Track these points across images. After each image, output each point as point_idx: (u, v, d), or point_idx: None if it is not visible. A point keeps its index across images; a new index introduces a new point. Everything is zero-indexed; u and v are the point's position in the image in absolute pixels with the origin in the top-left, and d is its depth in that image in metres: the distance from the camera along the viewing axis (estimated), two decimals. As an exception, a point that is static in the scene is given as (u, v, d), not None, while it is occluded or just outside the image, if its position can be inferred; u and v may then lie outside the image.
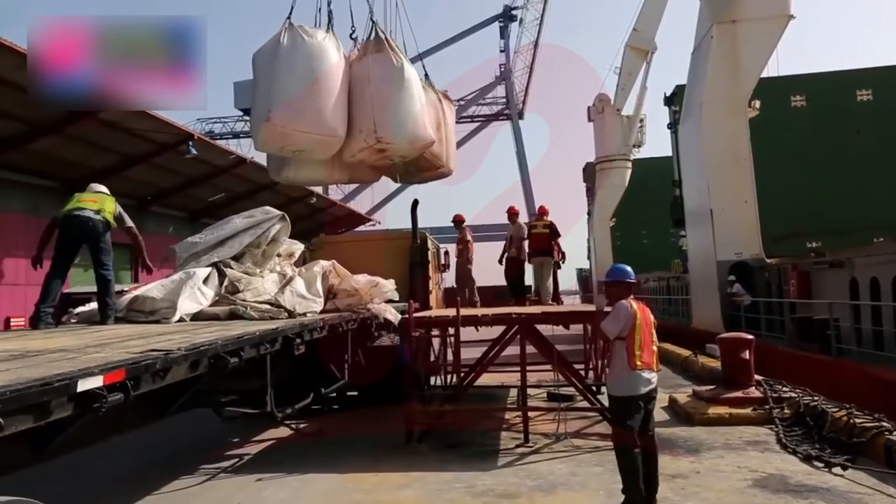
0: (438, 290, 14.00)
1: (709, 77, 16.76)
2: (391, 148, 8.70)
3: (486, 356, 9.61)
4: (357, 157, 8.94)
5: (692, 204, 18.41)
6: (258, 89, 8.46)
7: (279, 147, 8.63)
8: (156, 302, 6.45)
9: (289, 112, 7.97)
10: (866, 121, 18.14)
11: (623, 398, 5.22)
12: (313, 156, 8.93)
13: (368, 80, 8.57)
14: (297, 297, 7.14)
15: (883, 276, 10.67)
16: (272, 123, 7.94)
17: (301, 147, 8.46)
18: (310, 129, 8.14)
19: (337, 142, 8.51)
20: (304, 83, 8.12)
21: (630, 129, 34.57)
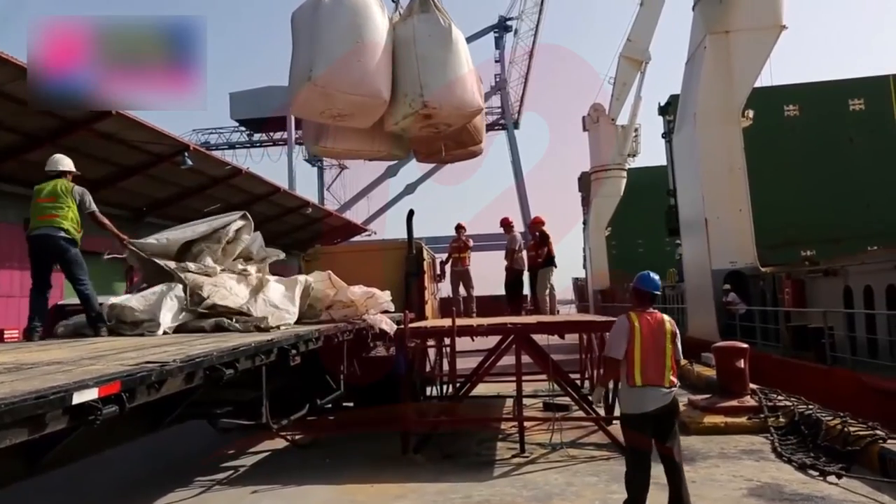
0: (434, 299, 14.00)
1: (702, 87, 16.87)
2: (438, 114, 8.11)
3: (481, 366, 9.62)
4: (400, 124, 8.35)
5: (687, 213, 18.48)
6: (298, 50, 7.92)
7: (319, 111, 8.05)
8: (136, 314, 6.27)
9: (332, 71, 7.42)
10: (859, 129, 18.28)
11: (624, 415, 5.08)
12: (354, 122, 8.32)
13: (414, 42, 8.04)
14: (269, 307, 6.84)
15: (877, 284, 10.72)
16: (314, 83, 7.41)
17: (342, 111, 7.91)
18: (354, 90, 7.60)
19: (381, 106, 7.99)
20: (348, 42, 7.59)
21: (625, 138, 34.79)
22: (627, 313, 5.14)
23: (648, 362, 4.89)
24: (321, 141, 9.08)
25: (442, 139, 9.26)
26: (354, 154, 10.08)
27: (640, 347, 4.92)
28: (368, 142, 9.11)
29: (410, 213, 12.21)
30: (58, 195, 6.35)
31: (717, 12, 16.83)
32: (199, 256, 7.30)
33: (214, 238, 7.48)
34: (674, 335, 5.02)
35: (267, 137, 48.87)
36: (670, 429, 4.96)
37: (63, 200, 6.33)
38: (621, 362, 4.99)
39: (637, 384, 4.88)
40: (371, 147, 9.46)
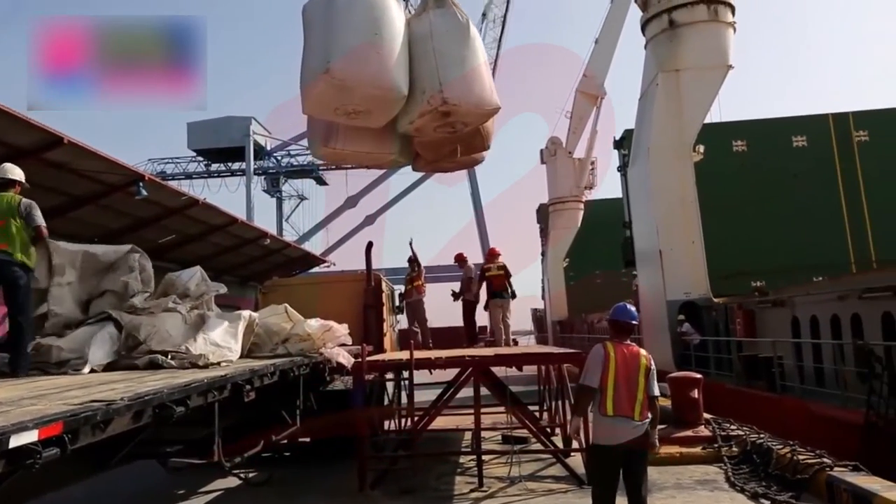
0: (393, 332, 13.95)
1: (655, 122, 17.38)
2: (457, 111, 7.79)
3: (440, 399, 9.57)
4: (416, 123, 8.02)
5: (642, 245, 18.86)
6: (310, 43, 7.61)
7: (333, 107, 7.71)
8: (62, 352, 5.90)
9: (350, 63, 7.10)
10: (803, 165, 18.97)
11: (594, 446, 5.05)
12: (368, 120, 7.96)
13: (431, 37, 7.79)
14: (210, 345, 6.50)
15: (822, 313, 11.05)
16: (331, 76, 7.09)
17: (358, 107, 7.58)
18: (372, 83, 7.29)
19: (399, 101, 7.68)
20: (365, 34, 7.30)
21: (581, 171, 35.47)
22: (604, 342, 5.14)
23: (620, 393, 4.89)
24: (330, 142, 8.63)
25: (455, 141, 8.90)
26: (363, 157, 9.53)
27: (613, 377, 4.91)
28: (379, 143, 8.72)
29: (369, 245, 12.22)
30: (7, 228, 5.71)
31: (667, 51, 17.43)
32: (122, 294, 6.80)
33: (130, 287, 6.87)
34: (648, 370, 5.01)
35: (225, 168, 48.36)
36: (641, 465, 4.94)
37: (11, 219, 5.73)
38: (595, 391, 4.98)
39: (608, 414, 4.87)
40: (381, 149, 9.01)
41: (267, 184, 50.57)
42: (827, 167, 18.77)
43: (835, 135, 18.94)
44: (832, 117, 19.24)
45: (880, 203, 18.14)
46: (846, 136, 18.87)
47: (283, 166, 50.06)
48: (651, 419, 4.96)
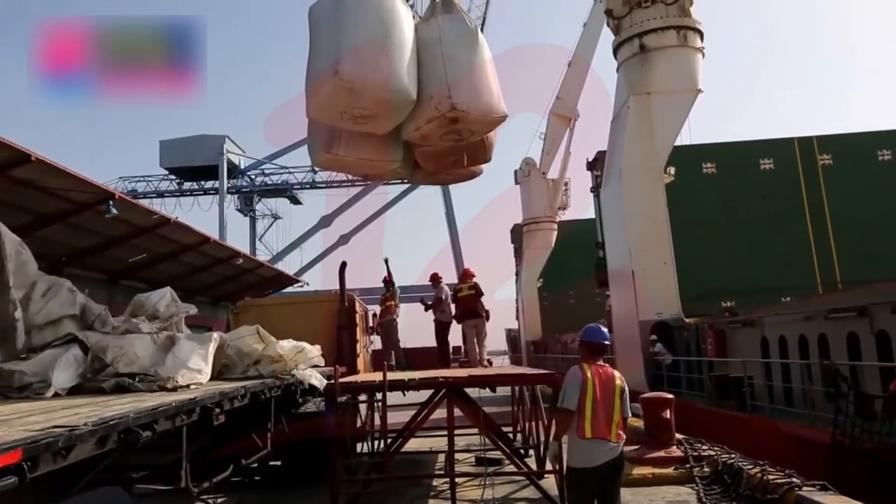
0: (366, 353, 13.84)
1: (627, 144, 17.65)
2: (465, 118, 7.61)
3: (413, 421, 9.51)
4: (422, 129, 7.82)
5: (615, 265, 19.04)
6: (318, 45, 7.42)
7: (339, 111, 7.47)
8: (25, 376, 5.71)
9: (360, 65, 6.92)
10: (770, 187, 19.39)
11: (573, 469, 5.00)
12: (374, 126, 7.74)
13: (440, 42, 7.65)
14: (179, 367, 6.33)
15: (790, 334, 11.23)
16: (340, 77, 6.90)
17: (365, 111, 7.37)
18: (382, 86, 7.11)
19: (407, 106, 7.50)
20: (375, 35, 7.14)
21: (555, 192, 35.84)
22: (580, 364, 5.12)
23: (599, 415, 4.88)
24: (333, 148, 8.37)
25: (458, 151, 8.71)
26: (364, 165, 9.11)
27: (591, 400, 4.89)
28: (382, 151, 8.49)
29: (343, 265, 12.15)
30: None
31: (639, 75, 17.76)
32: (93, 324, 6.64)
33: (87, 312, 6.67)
34: (622, 391, 5.03)
35: (198, 186, 47.94)
36: (615, 486, 4.95)
37: None
38: (574, 414, 4.95)
39: (586, 436, 4.85)
40: (384, 157, 8.73)
41: (240, 203, 50.23)
42: (793, 189, 19.21)
43: (800, 158, 19.42)
44: (797, 141, 19.73)
45: (844, 225, 18.60)
46: (811, 160, 19.36)
47: (256, 185, 49.79)
48: None
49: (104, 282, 20.41)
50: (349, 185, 52.42)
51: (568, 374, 5.13)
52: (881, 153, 19.32)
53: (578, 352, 5.46)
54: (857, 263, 17.76)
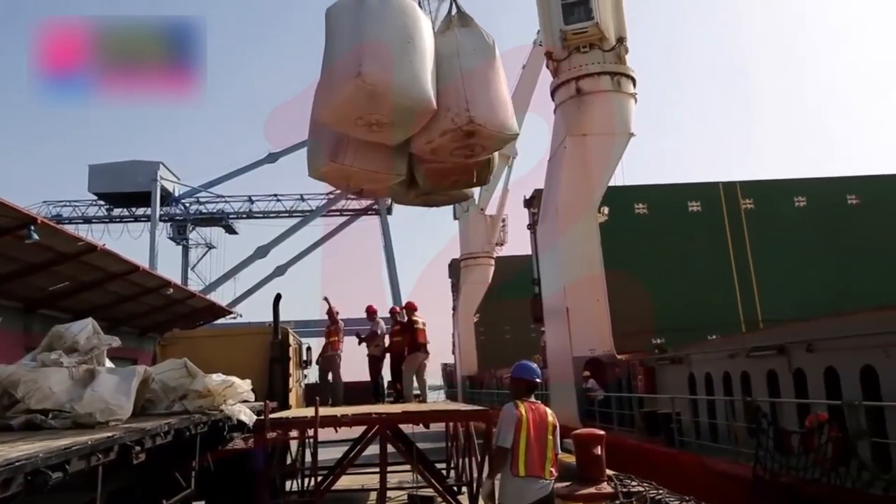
0: (299, 387, 13.56)
1: (563, 183, 18.10)
2: (481, 133, 7.41)
3: (345, 458, 9.34)
4: (435, 143, 7.58)
5: (550, 301, 19.33)
6: (336, 47, 7.16)
7: (355, 117, 7.17)
8: None
9: (383, 68, 6.69)
10: (698, 228, 20.21)
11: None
12: (388, 135, 7.46)
13: (458, 54, 7.55)
14: (98, 403, 5.99)
15: (715, 371, 11.59)
16: (363, 79, 6.64)
17: (383, 118, 7.09)
18: (404, 92, 6.86)
19: (426, 116, 7.26)
20: (399, 42, 6.95)
21: (493, 228, 36.33)
22: (514, 402, 5.13)
23: (532, 453, 4.90)
24: (339, 157, 7.97)
25: (467, 169, 8.51)
26: (368, 177, 8.58)
27: (525, 437, 4.91)
28: (388, 163, 8.14)
29: (277, 296, 11.95)
30: None
31: (575, 117, 18.33)
32: None
33: None
34: (554, 427, 5.09)
35: (128, 213, 46.42)
36: None
37: None
38: (510, 452, 4.94)
39: (520, 474, 4.86)
40: (389, 170, 8.33)
41: (173, 231, 48.84)
42: (718, 232, 20.07)
43: (725, 202, 20.35)
44: (722, 185, 20.68)
45: (764, 267, 19.52)
46: (735, 204, 20.32)
47: (191, 213, 48.59)
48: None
49: (20, 310, 19.39)
50: (287, 215, 51.85)
51: (503, 411, 5.16)
52: (797, 199, 20.48)
53: (509, 388, 5.51)
54: (777, 303, 18.61)
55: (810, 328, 9.17)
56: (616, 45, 18.36)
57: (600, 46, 18.26)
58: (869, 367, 7.49)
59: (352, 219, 54.26)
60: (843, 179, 21.54)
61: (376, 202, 53.75)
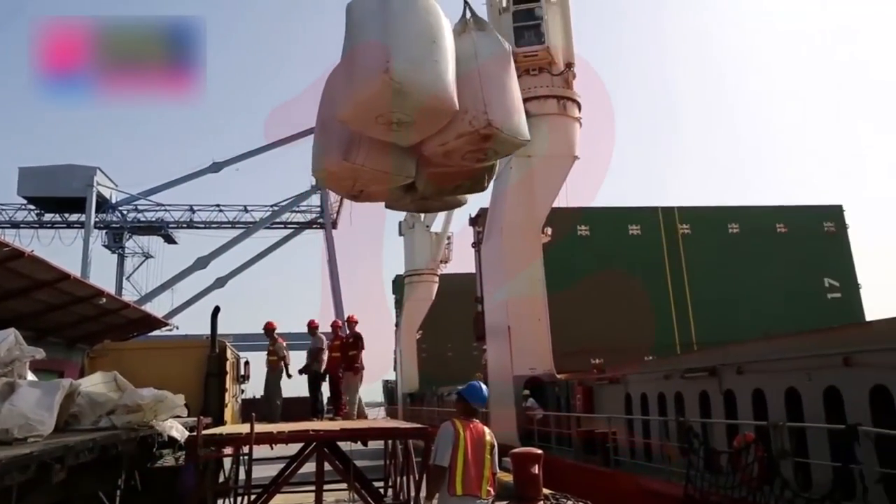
0: (236, 402, 13.26)
1: (508, 203, 18.33)
2: (497, 136, 7.35)
3: (280, 476, 9.14)
4: (449, 145, 7.47)
5: (492, 320, 19.46)
6: (360, 42, 7.02)
7: (379, 112, 7.01)
8: None
9: (411, 66, 6.62)
10: (637, 252, 20.76)
11: None
12: (406, 135, 7.35)
13: (476, 56, 7.49)
14: (17, 418, 5.72)
15: (650, 391, 11.86)
16: (390, 76, 6.53)
17: (403, 118, 6.99)
18: (430, 91, 6.78)
19: (447, 116, 7.16)
20: (425, 40, 6.88)
21: (438, 245, 36.43)
22: (452, 420, 5.13)
23: (470, 472, 4.90)
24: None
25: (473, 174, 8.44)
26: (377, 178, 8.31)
27: (462, 456, 4.91)
28: (399, 165, 7.96)
29: (216, 309, 11.71)
30: None
31: (521, 139, 18.59)
32: None
33: None
34: (493, 447, 5.11)
35: (61, 219, 44.63)
36: None
37: None
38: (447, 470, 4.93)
39: (457, 493, 4.85)
40: (400, 171, 8.13)
41: (108, 239, 47.18)
42: (657, 255, 20.65)
43: (663, 226, 20.97)
44: (661, 210, 21.33)
45: (699, 290, 20.17)
46: (672, 228, 20.96)
47: (128, 221, 47.09)
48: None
49: (-63, 319, 18.35)
50: (229, 226, 50.84)
51: (440, 429, 5.15)
52: (731, 226, 21.30)
53: (455, 406, 5.51)
54: (711, 326, 19.23)
55: (740, 351, 9.50)
56: (564, 69, 18.79)
57: (549, 70, 18.65)
58: (793, 388, 7.80)
59: (296, 232, 53.62)
60: (773, 208, 22.50)
61: (321, 216, 53.32)
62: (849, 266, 21.80)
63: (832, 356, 7.10)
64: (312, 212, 53.79)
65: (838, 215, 22.29)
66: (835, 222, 22.12)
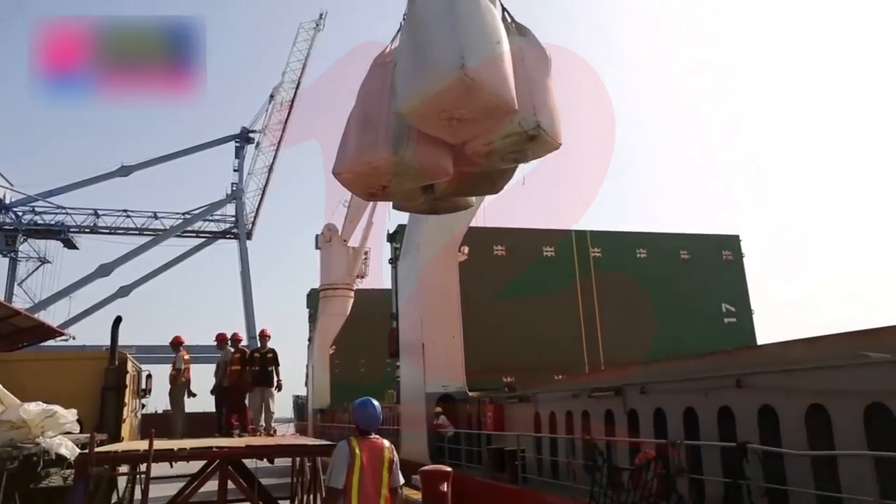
0: (135, 417, 12.65)
1: (426, 221, 18.41)
2: (542, 138, 7.44)
3: (180, 495, 8.76)
4: (494, 145, 7.55)
5: (407, 337, 19.42)
6: (428, 39, 7.07)
7: (445, 108, 7.03)
8: None
9: (484, 66, 6.73)
10: (550, 273, 21.27)
11: None
12: (462, 132, 7.39)
13: (522, 60, 7.55)
14: None
15: (559, 410, 12.13)
16: (466, 74, 6.59)
17: (465, 115, 7.03)
18: (496, 91, 6.86)
19: (505, 115, 7.19)
20: (493, 40, 7.02)
21: (355, 260, 36.14)
22: (348, 439, 5.04)
23: (366, 490, 4.82)
24: (400, 150, 7.68)
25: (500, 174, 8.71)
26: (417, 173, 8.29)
27: (358, 475, 4.83)
28: (444, 158, 7.98)
29: (117, 319, 11.17)
30: None
31: (441, 157, 18.78)
32: None
33: None
34: (391, 462, 5.03)
35: (-51, 218, 41.59)
36: None
37: None
38: (342, 492, 4.83)
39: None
40: (442, 168, 8.17)
41: (0, 241, 44.27)
42: (569, 277, 21.24)
43: (576, 249, 21.63)
44: (574, 233, 21.99)
45: (608, 312, 20.87)
46: (584, 251, 21.65)
47: (24, 223, 44.35)
48: None
49: None
50: (136, 233, 48.75)
51: (336, 450, 5.06)
52: (639, 251, 22.23)
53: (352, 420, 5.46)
54: (618, 346, 19.92)
55: (644, 372, 9.88)
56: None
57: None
58: (691, 408, 8.18)
59: (209, 241, 52.00)
60: (678, 236, 23.63)
61: (235, 226, 51.92)
62: (744, 292, 23.17)
63: (726, 378, 7.50)
64: (227, 221, 52.40)
65: (735, 244, 23.68)
66: (732, 251, 23.50)
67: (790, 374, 6.71)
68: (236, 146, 53.63)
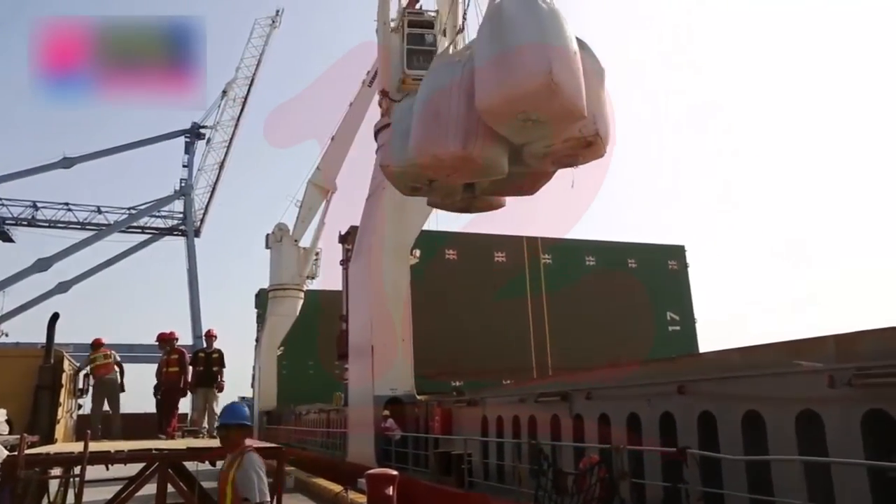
0: (71, 418, 12.23)
1: (379, 223, 18.33)
2: (596, 144, 7.86)
3: (116, 498, 8.50)
4: (553, 148, 7.97)
5: (356, 339, 19.28)
6: (516, 40, 7.29)
7: (525, 109, 7.32)
8: None
9: (565, 70, 7.04)
10: (501, 279, 21.46)
11: None
12: (529, 132, 7.70)
13: (582, 70, 7.80)
14: None
15: (506, 414, 12.22)
16: (552, 79, 6.95)
17: (540, 117, 7.36)
18: (571, 97, 7.18)
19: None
20: (571, 48, 7.34)
21: (305, 260, 35.70)
22: (252, 451, 4.97)
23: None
24: (469, 145, 7.97)
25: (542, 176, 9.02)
26: (477, 169, 8.55)
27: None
28: (503, 158, 8.28)
29: (54, 316, 10.80)
30: None
31: (395, 160, 18.75)
32: None
33: None
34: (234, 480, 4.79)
35: None
36: None
37: None
38: None
39: None
40: (499, 165, 8.45)
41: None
42: (520, 282, 21.46)
43: (527, 255, 21.87)
44: (525, 240, 22.24)
45: (557, 318, 21.17)
46: (535, 258, 21.91)
47: (-45, 214, 42.48)
48: None
49: None
50: (78, 227, 47.17)
51: (254, 462, 4.87)
52: (588, 258, 22.62)
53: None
54: (566, 352, 20.20)
55: (589, 377, 10.04)
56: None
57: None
58: (634, 414, 8.35)
59: (155, 237, 50.66)
60: (626, 245, 24.14)
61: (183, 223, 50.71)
62: (688, 301, 23.81)
63: (668, 384, 7.68)
64: (175, 218, 51.16)
65: (681, 254, 24.34)
66: (678, 261, 24.13)
67: (728, 382, 6.92)
68: (186, 141, 52.43)
